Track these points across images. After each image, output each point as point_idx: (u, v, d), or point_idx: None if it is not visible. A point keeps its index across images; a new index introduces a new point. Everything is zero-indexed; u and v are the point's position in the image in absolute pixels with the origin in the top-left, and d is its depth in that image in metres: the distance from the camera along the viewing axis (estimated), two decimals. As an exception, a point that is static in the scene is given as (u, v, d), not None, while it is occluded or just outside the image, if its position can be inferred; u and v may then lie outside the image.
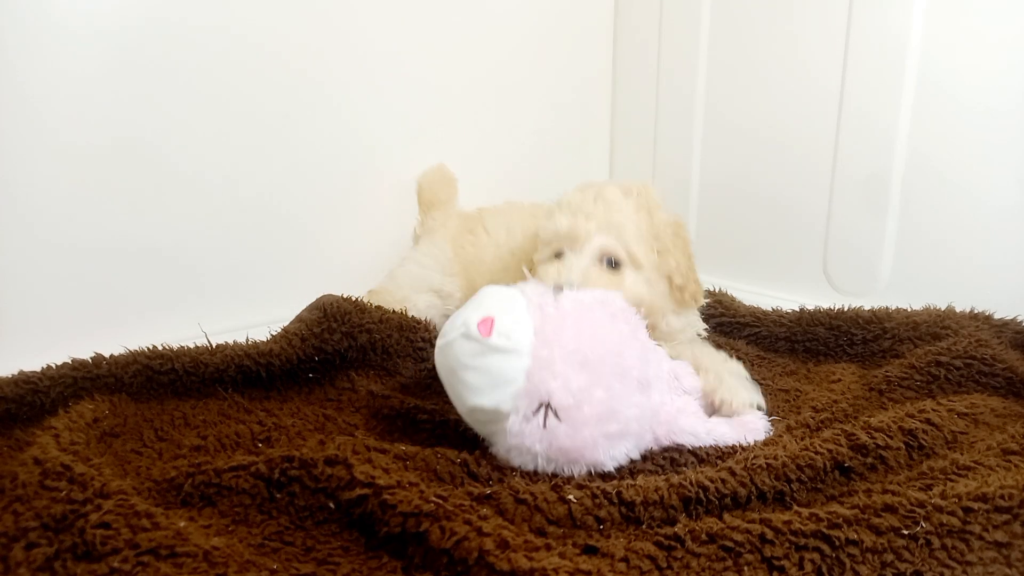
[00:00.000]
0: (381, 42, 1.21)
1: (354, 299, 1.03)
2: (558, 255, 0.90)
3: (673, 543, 0.58)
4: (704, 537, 0.58)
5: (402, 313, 1.06)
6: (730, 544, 0.57)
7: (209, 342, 0.95)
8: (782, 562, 0.56)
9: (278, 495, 0.65)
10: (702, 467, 0.72)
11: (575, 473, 0.70)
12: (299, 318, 1.00)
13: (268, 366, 0.91)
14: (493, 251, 1.12)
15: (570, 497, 0.63)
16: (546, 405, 0.68)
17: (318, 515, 0.63)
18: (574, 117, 1.55)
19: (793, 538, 0.57)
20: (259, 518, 0.64)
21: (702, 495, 0.65)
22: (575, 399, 0.69)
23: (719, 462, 0.73)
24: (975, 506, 0.58)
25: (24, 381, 0.82)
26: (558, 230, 0.89)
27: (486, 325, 0.70)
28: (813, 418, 0.83)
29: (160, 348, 0.91)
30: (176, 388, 0.88)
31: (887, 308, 1.08)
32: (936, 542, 0.56)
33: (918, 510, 0.58)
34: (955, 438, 0.76)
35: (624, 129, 1.58)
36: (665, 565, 0.56)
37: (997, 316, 1.03)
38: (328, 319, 0.97)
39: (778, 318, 1.13)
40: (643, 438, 0.75)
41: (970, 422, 0.79)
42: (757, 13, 1.30)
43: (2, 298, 0.93)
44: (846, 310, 1.09)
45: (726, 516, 0.62)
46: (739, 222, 1.38)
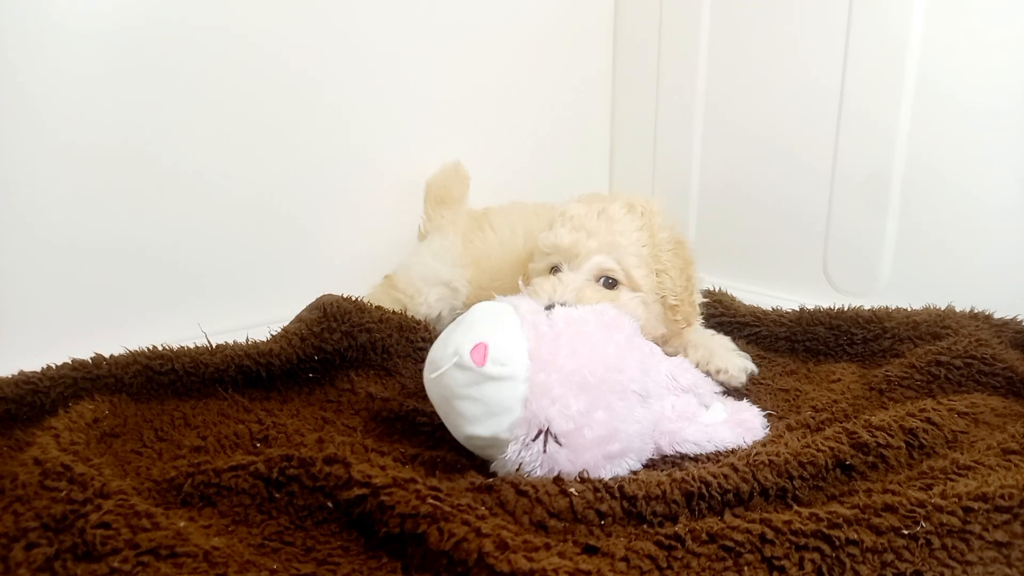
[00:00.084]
0: (381, 42, 1.21)
1: (354, 299, 1.03)
2: (554, 269, 0.89)
3: (673, 543, 0.58)
4: (704, 537, 0.58)
5: (402, 314, 1.07)
6: (730, 544, 0.57)
7: (209, 342, 0.95)
8: (782, 562, 0.56)
9: (277, 495, 0.64)
10: (704, 463, 0.72)
11: None
12: (299, 318, 1.00)
13: (268, 366, 0.91)
14: (498, 248, 1.12)
15: (571, 491, 0.63)
16: (545, 431, 0.67)
17: (317, 515, 0.63)
18: (574, 117, 1.55)
19: (793, 538, 0.57)
20: (259, 518, 0.64)
21: (704, 491, 0.65)
22: (575, 423, 0.67)
23: (721, 458, 0.73)
24: (975, 506, 0.58)
25: (24, 381, 0.82)
26: (558, 243, 0.87)
27: (479, 352, 0.68)
28: (813, 418, 0.83)
29: (160, 348, 0.91)
30: (176, 388, 0.88)
31: (887, 308, 1.08)
32: (936, 542, 0.56)
33: (918, 510, 0.58)
34: (955, 437, 0.76)
35: (624, 129, 1.58)
36: (665, 565, 0.56)
37: (997, 316, 1.03)
38: (328, 318, 0.97)
39: (778, 318, 1.13)
40: (645, 451, 0.74)
41: (970, 421, 0.79)
42: (757, 13, 1.30)
43: (2, 298, 0.93)
44: (846, 310, 1.09)
45: (727, 515, 0.62)
46: (739, 222, 1.38)
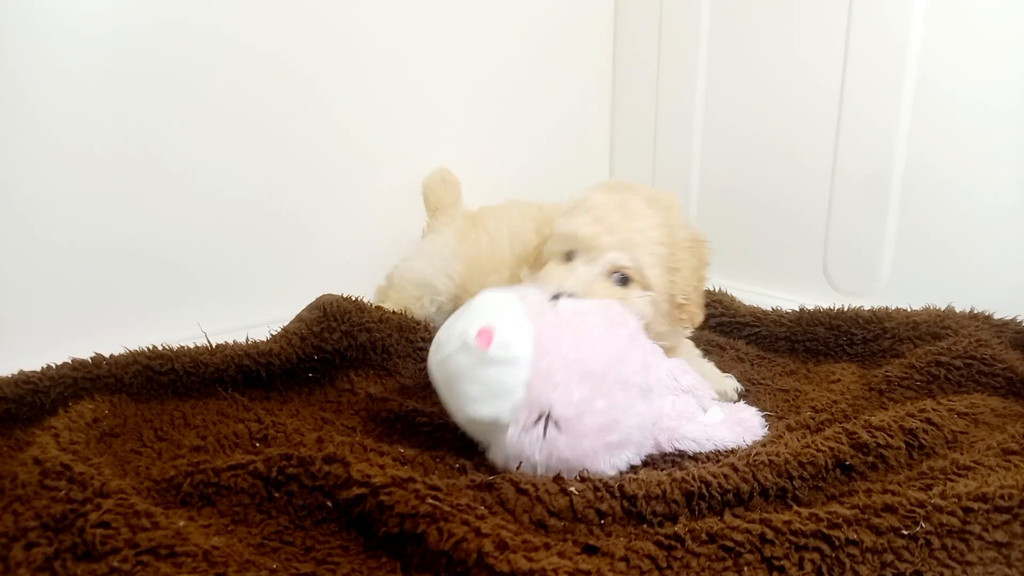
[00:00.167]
0: (381, 43, 1.21)
1: (353, 298, 1.03)
2: (569, 256, 0.87)
3: (673, 543, 0.58)
4: (704, 537, 0.58)
5: (402, 314, 1.07)
6: (730, 544, 0.57)
7: (209, 342, 0.95)
8: (782, 562, 0.56)
9: (277, 494, 0.64)
10: (704, 463, 0.72)
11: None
12: (299, 317, 1.00)
13: (268, 366, 0.91)
14: (488, 248, 1.13)
15: (572, 489, 0.63)
16: (546, 416, 0.68)
17: (317, 514, 0.63)
18: (574, 117, 1.55)
19: (793, 538, 0.57)
20: (258, 517, 0.64)
21: (704, 490, 0.65)
22: (576, 410, 0.68)
23: (721, 458, 0.73)
24: (975, 506, 0.58)
25: (24, 381, 0.82)
26: (575, 233, 0.86)
27: (485, 336, 0.69)
28: (813, 418, 0.83)
29: (160, 348, 0.91)
30: (176, 388, 0.88)
31: (887, 308, 1.08)
32: (936, 542, 0.56)
33: (918, 510, 0.58)
34: (955, 438, 0.76)
35: (624, 129, 1.58)
36: (665, 565, 0.56)
37: (997, 316, 1.03)
38: (328, 318, 0.97)
39: (778, 318, 1.14)
40: (644, 445, 0.75)
41: (970, 422, 0.79)
42: (757, 13, 1.30)
43: (2, 298, 0.93)
44: (846, 310, 1.09)
45: (726, 515, 0.62)
46: (739, 222, 1.38)
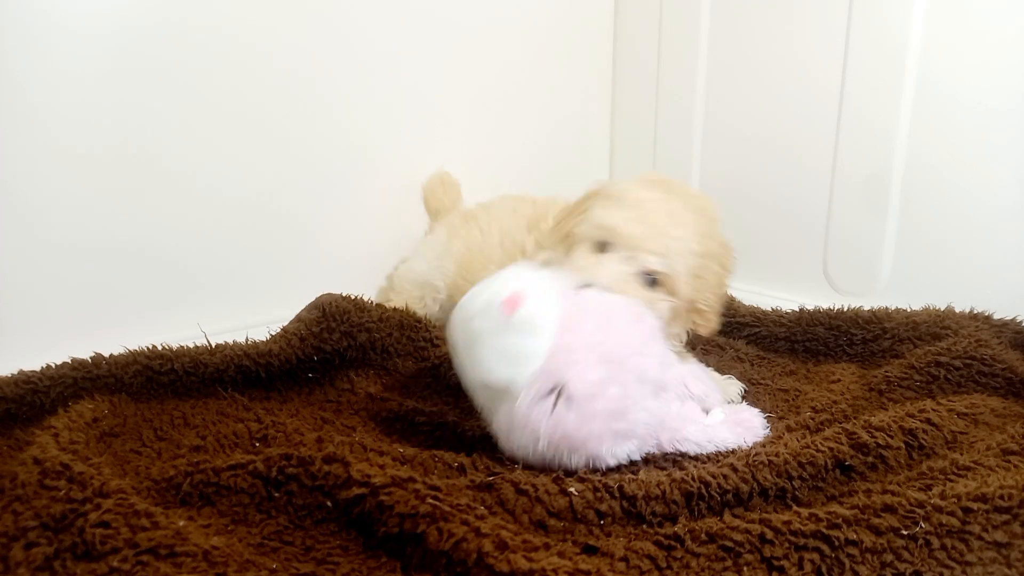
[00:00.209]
0: (381, 43, 1.21)
1: (353, 298, 1.03)
2: (603, 247, 0.84)
3: (673, 543, 0.58)
4: (704, 537, 0.58)
5: (403, 311, 1.06)
6: (730, 544, 0.57)
7: (208, 342, 0.95)
8: (782, 562, 0.56)
9: (276, 494, 0.64)
10: (704, 463, 0.72)
11: (573, 463, 0.69)
12: (298, 318, 1.00)
13: (267, 366, 0.91)
14: (479, 244, 1.12)
15: (571, 490, 0.63)
16: (560, 390, 0.68)
17: (317, 514, 0.63)
18: (574, 117, 1.55)
19: (793, 538, 0.57)
20: (258, 517, 0.64)
21: (704, 491, 0.65)
22: (590, 390, 0.68)
23: (720, 458, 0.73)
24: (974, 506, 0.58)
25: (24, 381, 0.82)
26: (616, 228, 0.83)
27: (512, 302, 0.70)
28: (813, 418, 0.83)
29: (160, 348, 0.91)
30: (176, 388, 0.88)
31: (887, 308, 1.08)
32: (936, 542, 0.56)
33: (918, 510, 0.58)
34: (955, 438, 0.76)
35: (624, 129, 1.58)
36: (665, 565, 0.56)
37: (997, 316, 1.02)
38: (327, 318, 0.97)
39: (778, 318, 1.13)
40: (647, 442, 0.75)
41: (970, 422, 0.79)
42: (757, 13, 1.30)
43: (2, 298, 0.93)
44: (846, 310, 1.09)
45: (726, 515, 0.62)
46: (739, 222, 1.37)
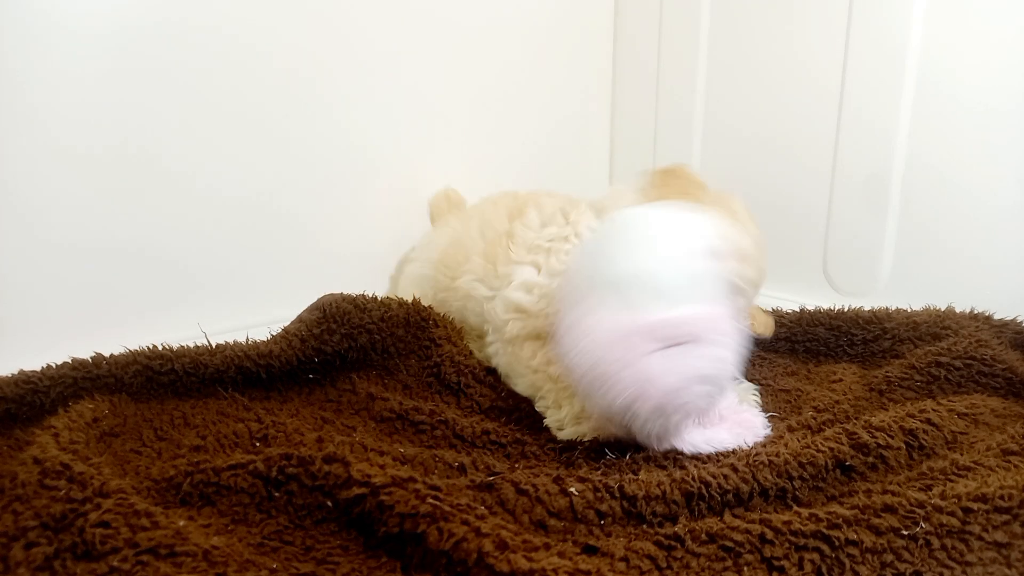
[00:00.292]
0: (381, 43, 1.21)
1: (355, 299, 1.02)
2: None
3: (673, 543, 0.58)
4: (704, 537, 0.58)
5: (409, 307, 1.02)
6: (730, 544, 0.57)
7: (209, 342, 0.95)
8: (782, 562, 0.56)
9: (276, 494, 0.64)
10: (705, 463, 0.72)
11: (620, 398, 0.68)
12: (299, 318, 1.00)
13: (268, 367, 0.91)
14: (463, 235, 1.10)
15: (572, 490, 0.63)
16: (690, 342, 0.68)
17: (317, 514, 0.63)
18: (574, 117, 1.55)
19: (793, 538, 0.57)
20: (258, 517, 0.64)
21: (704, 491, 0.65)
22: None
23: (721, 458, 0.73)
24: (975, 506, 0.58)
25: (24, 381, 0.82)
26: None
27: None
28: (815, 418, 0.83)
29: (160, 348, 0.91)
30: (176, 388, 0.88)
31: (887, 308, 1.08)
32: (936, 542, 0.56)
33: (918, 510, 0.58)
34: (955, 438, 0.76)
35: (624, 129, 1.58)
36: (665, 565, 0.56)
37: (997, 317, 1.02)
38: (328, 320, 0.96)
39: (778, 318, 1.13)
40: (690, 419, 0.75)
41: (970, 422, 0.79)
42: (757, 13, 1.30)
43: (2, 298, 0.93)
44: (846, 310, 1.09)
45: (726, 516, 0.62)
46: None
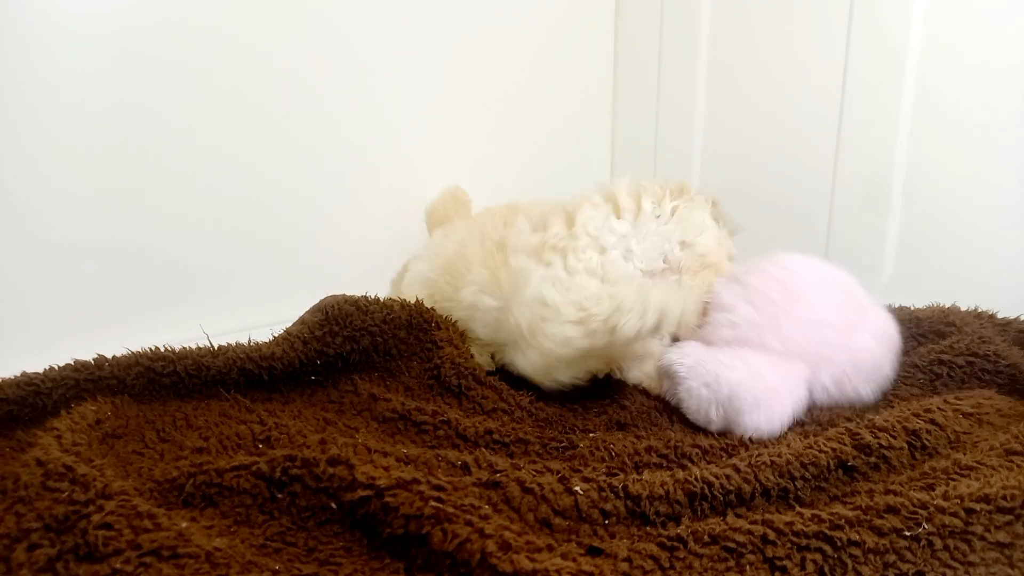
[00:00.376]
0: (381, 44, 1.22)
1: (357, 300, 1.02)
2: None
3: (676, 544, 0.58)
4: (707, 538, 0.58)
5: (412, 308, 1.02)
6: (732, 545, 0.57)
7: (211, 344, 0.95)
8: (784, 563, 0.56)
9: (279, 495, 0.64)
10: (707, 463, 0.72)
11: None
12: (301, 320, 1.00)
13: (270, 369, 0.91)
14: (464, 243, 1.11)
15: (576, 489, 0.64)
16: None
17: (320, 515, 0.63)
18: (575, 119, 1.55)
19: (795, 539, 0.57)
20: (261, 518, 0.64)
21: (707, 491, 0.65)
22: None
23: (724, 457, 0.73)
24: (977, 507, 0.58)
25: (26, 383, 0.82)
26: None
27: None
28: (818, 417, 0.83)
29: (162, 350, 0.91)
30: (178, 390, 0.88)
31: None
32: (938, 543, 0.56)
33: (920, 511, 0.58)
34: (958, 438, 0.76)
35: (625, 131, 1.59)
36: (668, 565, 0.56)
37: (1000, 316, 1.02)
38: (330, 322, 0.96)
39: (780, 319, 1.13)
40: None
41: (974, 422, 0.79)
42: (757, 14, 1.31)
43: (2, 298, 0.93)
44: (848, 311, 1.09)
45: (729, 516, 0.63)
46: (740, 223, 1.38)
